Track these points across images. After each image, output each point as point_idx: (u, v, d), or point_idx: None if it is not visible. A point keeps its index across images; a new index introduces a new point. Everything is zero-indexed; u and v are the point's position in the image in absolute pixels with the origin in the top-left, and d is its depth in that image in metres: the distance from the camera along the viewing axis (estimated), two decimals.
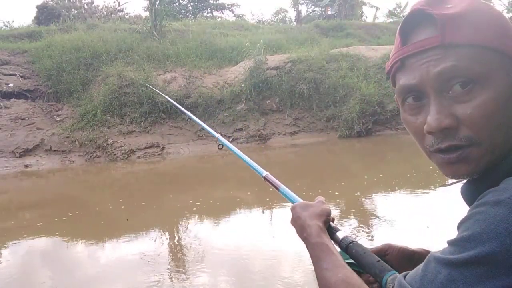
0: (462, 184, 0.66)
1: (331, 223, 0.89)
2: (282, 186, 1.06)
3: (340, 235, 0.86)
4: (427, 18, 0.61)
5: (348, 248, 0.83)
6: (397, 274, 0.71)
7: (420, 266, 0.57)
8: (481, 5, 0.61)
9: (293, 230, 0.89)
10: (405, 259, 0.84)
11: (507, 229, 0.49)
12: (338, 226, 0.88)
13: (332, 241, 0.84)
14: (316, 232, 0.82)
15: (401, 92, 0.65)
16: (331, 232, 0.87)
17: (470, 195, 0.63)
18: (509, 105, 0.58)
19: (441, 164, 0.63)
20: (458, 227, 0.55)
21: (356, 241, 0.83)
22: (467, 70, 0.58)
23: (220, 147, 1.55)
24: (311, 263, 0.79)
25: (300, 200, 0.96)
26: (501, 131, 0.59)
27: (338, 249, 0.86)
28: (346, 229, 4.73)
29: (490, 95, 0.58)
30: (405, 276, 0.61)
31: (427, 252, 0.83)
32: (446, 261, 0.53)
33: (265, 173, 1.15)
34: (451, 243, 0.54)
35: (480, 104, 0.58)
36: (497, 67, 0.58)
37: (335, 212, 5.44)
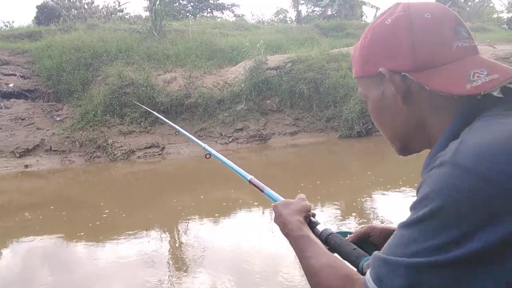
0: None
1: (311, 218, 0.94)
2: (266, 188, 1.11)
3: (320, 228, 0.91)
4: None
5: (327, 239, 0.89)
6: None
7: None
8: (360, 41, 0.79)
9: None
10: (388, 238, 0.89)
11: (451, 184, 0.57)
12: (319, 220, 0.94)
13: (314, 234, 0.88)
14: (297, 226, 0.87)
15: None
16: (312, 226, 0.92)
17: (423, 171, 0.71)
18: (387, 108, 0.77)
19: None
20: (416, 193, 0.63)
21: (334, 233, 0.90)
22: (361, 93, 0.83)
23: (207, 157, 1.59)
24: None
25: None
26: (387, 128, 0.80)
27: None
28: (346, 229, 4.73)
29: (370, 106, 0.81)
30: None
31: None
32: (406, 224, 0.61)
33: (249, 177, 1.20)
34: (410, 208, 0.62)
35: (370, 112, 0.82)
36: (370, 87, 0.79)
37: (335, 212, 5.44)
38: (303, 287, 3.26)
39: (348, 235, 0.95)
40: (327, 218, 5.20)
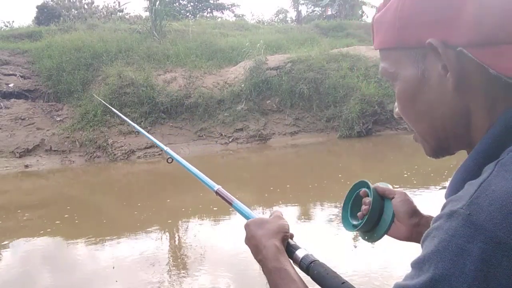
0: None
1: (290, 240, 0.80)
2: (235, 201, 1.00)
3: (300, 253, 0.77)
4: None
5: (309, 269, 0.75)
6: None
7: None
8: (393, 2, 0.58)
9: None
10: (406, 212, 0.80)
11: (458, 246, 0.44)
12: (298, 244, 0.80)
13: (292, 261, 0.76)
14: (273, 254, 0.74)
15: None
16: (290, 250, 0.78)
17: (449, 192, 0.58)
18: (426, 93, 0.57)
19: None
20: (421, 245, 0.50)
21: (318, 260, 0.75)
22: (386, 70, 0.61)
23: (169, 161, 1.43)
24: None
25: (255, 216, 0.88)
26: (422, 119, 0.59)
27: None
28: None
29: (400, 88, 0.60)
30: None
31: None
32: None
33: (216, 187, 1.10)
34: (412, 265, 0.50)
35: (397, 97, 0.61)
36: (403, 62, 0.58)
37: (335, 213, 5.44)
38: None
39: (370, 188, 0.83)
40: (328, 218, 5.21)
